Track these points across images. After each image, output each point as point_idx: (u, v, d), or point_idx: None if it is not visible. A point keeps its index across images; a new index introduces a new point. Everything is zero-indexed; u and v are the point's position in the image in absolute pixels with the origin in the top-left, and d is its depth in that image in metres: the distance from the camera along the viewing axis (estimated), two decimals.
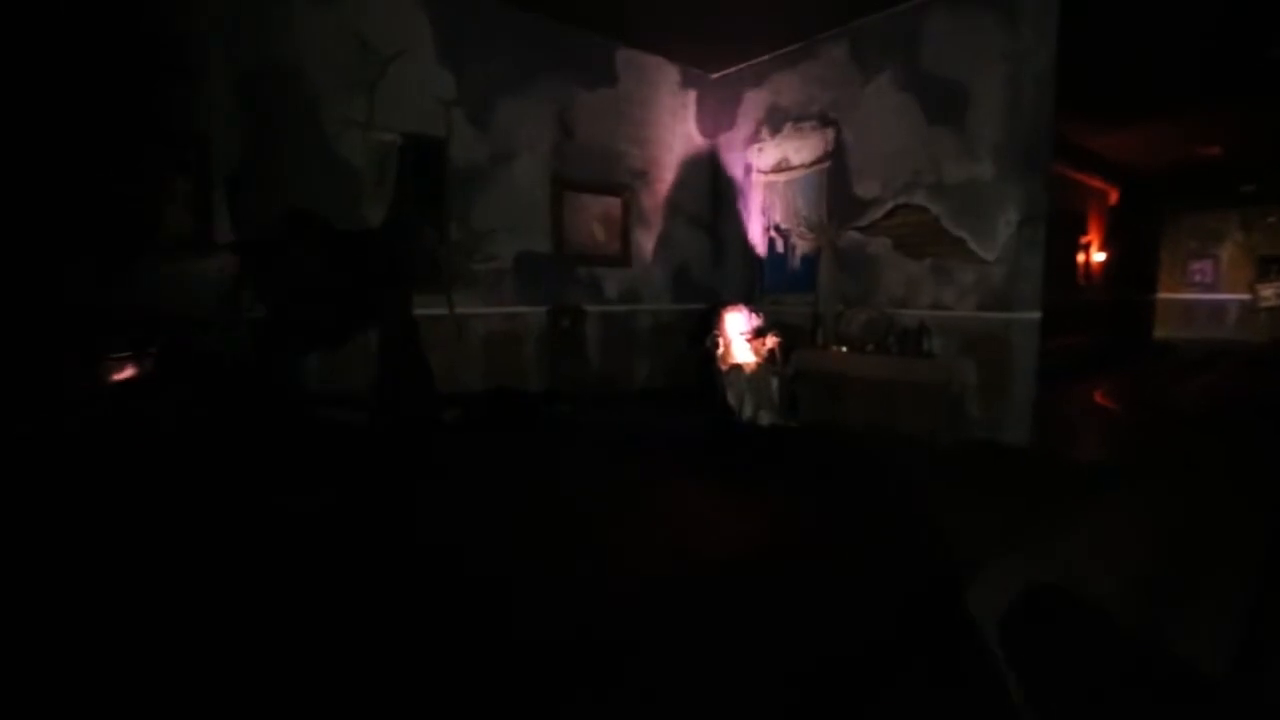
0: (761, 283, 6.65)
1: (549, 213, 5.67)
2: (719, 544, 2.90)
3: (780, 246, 6.39)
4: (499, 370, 5.30)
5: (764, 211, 6.54)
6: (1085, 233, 10.07)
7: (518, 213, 5.44)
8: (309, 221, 4.34)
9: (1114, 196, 10.77)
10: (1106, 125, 8.16)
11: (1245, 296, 14.80)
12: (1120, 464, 4.48)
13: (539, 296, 5.62)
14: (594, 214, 6.08)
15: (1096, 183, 10.15)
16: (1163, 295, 14.81)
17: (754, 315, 5.53)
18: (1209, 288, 15.32)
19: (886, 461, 4.37)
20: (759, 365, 5.27)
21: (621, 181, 6.29)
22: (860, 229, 5.67)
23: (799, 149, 6.17)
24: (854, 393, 5.24)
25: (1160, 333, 14.11)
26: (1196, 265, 15.39)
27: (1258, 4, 5.18)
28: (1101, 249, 10.49)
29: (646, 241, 6.53)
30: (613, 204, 6.22)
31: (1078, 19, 4.55)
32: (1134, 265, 12.23)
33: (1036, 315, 4.78)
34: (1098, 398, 7.40)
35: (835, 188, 5.85)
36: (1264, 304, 14.65)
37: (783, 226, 6.34)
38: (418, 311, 4.77)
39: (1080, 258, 9.99)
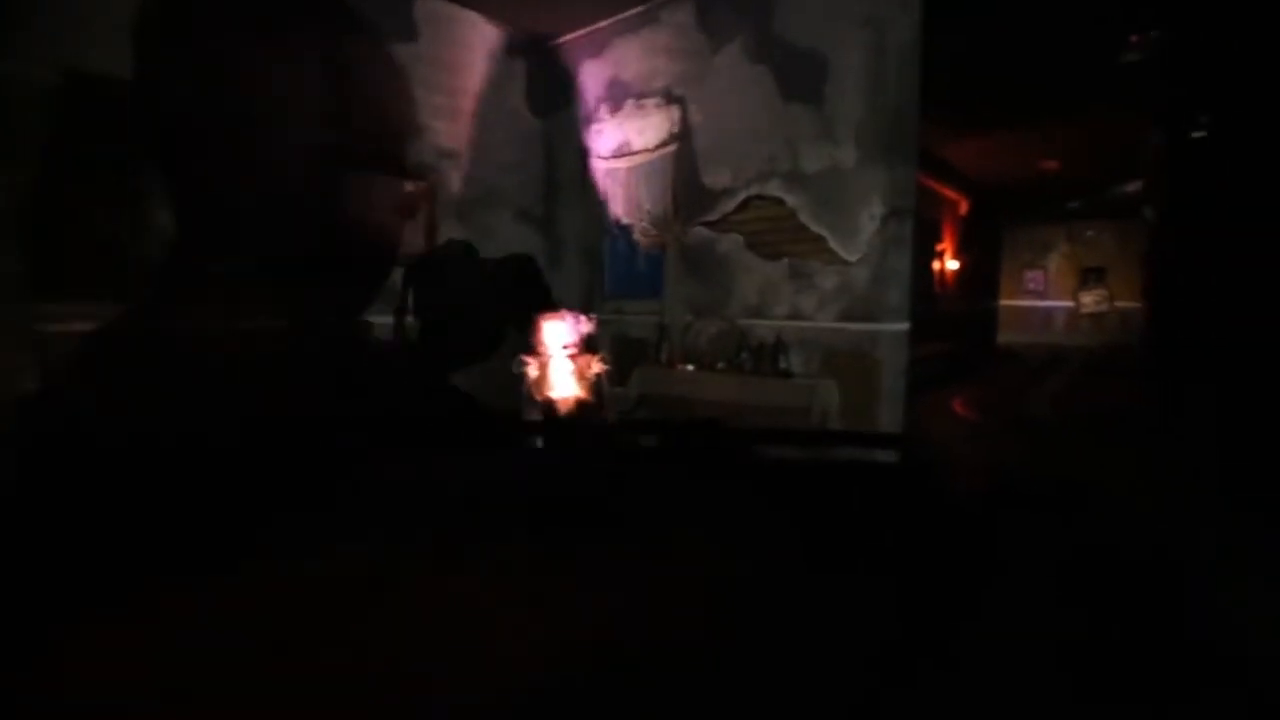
0: (604, 288, 5.64)
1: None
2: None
3: (624, 245, 5.41)
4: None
5: (605, 203, 5.53)
6: (940, 240, 10.05)
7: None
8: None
9: (964, 206, 10.92)
10: (961, 133, 8.01)
11: (1070, 303, 16.05)
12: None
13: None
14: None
15: (950, 192, 10.18)
16: (1004, 302, 15.63)
17: (581, 321, 4.42)
18: (1041, 295, 16.50)
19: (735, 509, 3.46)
20: (578, 403, 4.18)
21: (425, 162, 5.04)
22: (709, 224, 4.80)
23: (642, 130, 5.21)
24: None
25: (1002, 338, 14.81)
26: (1030, 274, 16.54)
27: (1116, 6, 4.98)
28: (955, 257, 10.55)
29: (460, 238, 5.30)
30: (415, 191, 4.95)
31: None
32: (981, 274, 12.62)
33: (905, 326, 4.11)
34: (958, 408, 7.12)
35: (682, 176, 4.94)
36: (1085, 310, 15.95)
37: (624, 221, 5.36)
38: None
39: (936, 265, 9.94)
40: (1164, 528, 3.34)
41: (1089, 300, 15.86)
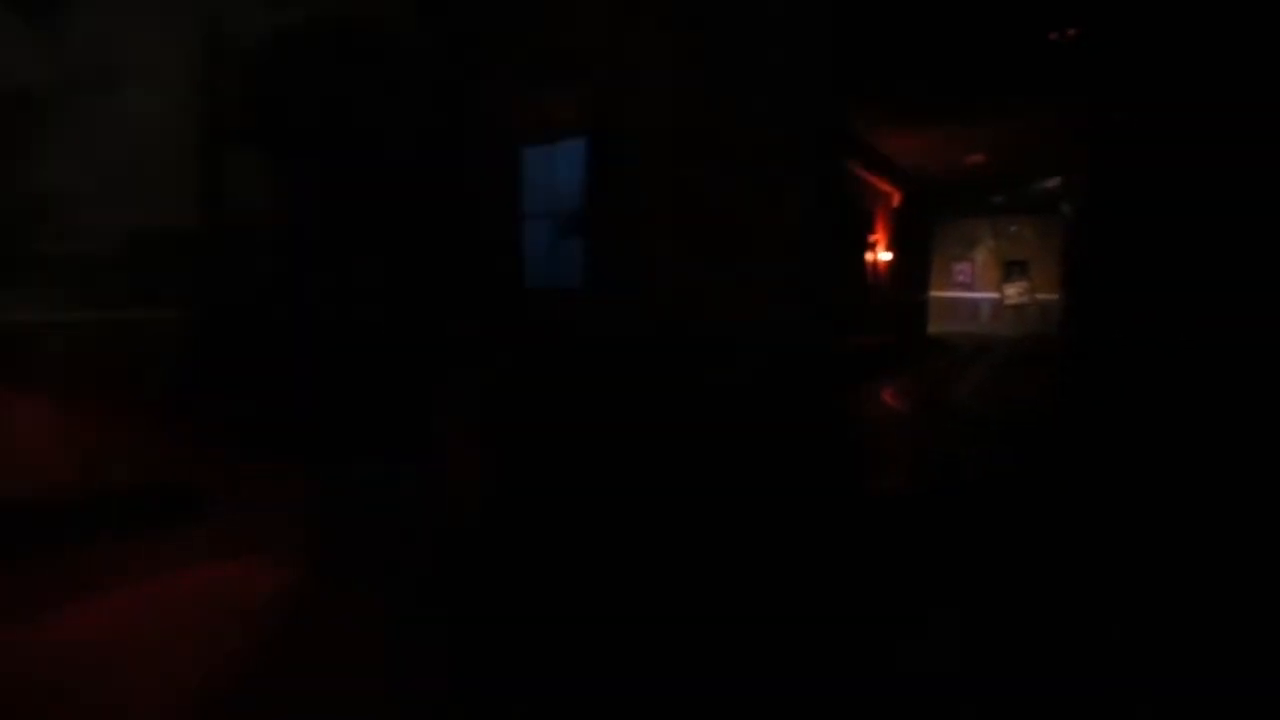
0: None
1: (195, 171, 3.88)
2: None
3: None
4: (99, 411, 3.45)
5: None
6: (874, 232, 10.22)
7: (125, 168, 3.60)
8: None
9: (897, 199, 11.14)
10: (897, 127, 8.11)
11: (995, 295, 16.75)
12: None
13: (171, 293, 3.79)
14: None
15: (884, 185, 10.35)
16: (934, 294, 16.16)
17: None
18: (968, 287, 17.15)
19: None
20: None
21: None
22: None
23: None
24: None
25: (933, 329, 15.31)
26: (959, 267, 17.16)
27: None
28: (888, 249, 10.76)
29: None
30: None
31: None
32: (913, 266, 12.96)
33: None
34: (888, 398, 7.25)
35: None
36: (1009, 302, 16.68)
37: None
38: None
39: (869, 257, 10.11)
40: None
41: (1012, 292, 16.59)
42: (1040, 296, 15.42)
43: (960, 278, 17.07)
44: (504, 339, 4.36)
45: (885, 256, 10.72)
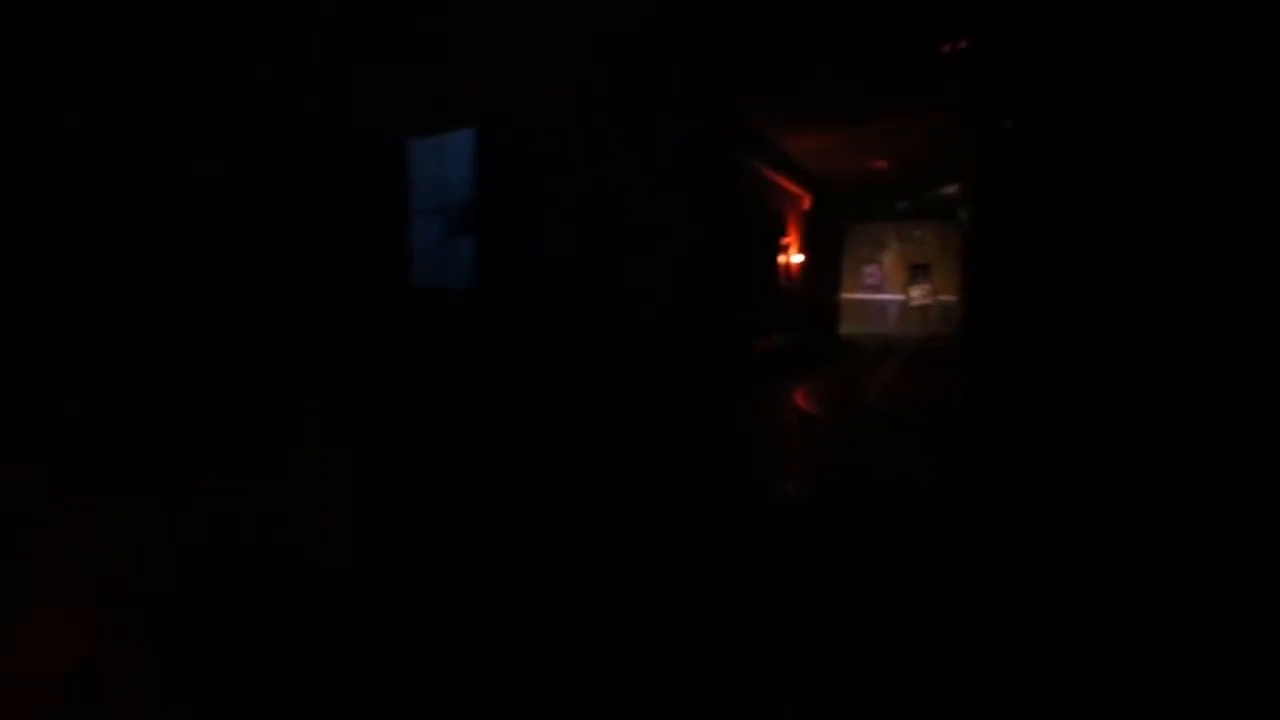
0: None
1: None
2: None
3: None
4: None
5: None
6: (785, 234, 10.34)
7: None
8: None
9: (808, 202, 11.33)
10: (802, 129, 8.17)
11: (902, 297, 17.50)
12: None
13: None
14: None
15: (793, 187, 10.48)
16: (845, 295, 16.69)
17: None
18: (877, 289, 17.83)
19: None
20: None
21: None
22: None
23: None
24: None
25: (844, 329, 15.78)
26: (868, 269, 17.79)
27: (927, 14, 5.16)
28: (800, 251, 10.92)
29: None
30: None
31: None
32: (825, 268, 13.27)
33: None
34: (799, 399, 7.28)
35: None
36: (914, 303, 17.46)
37: None
38: None
39: (782, 259, 10.21)
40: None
41: (917, 294, 17.38)
42: (943, 298, 16.19)
43: (869, 280, 17.71)
44: (387, 344, 3.99)
45: (797, 258, 10.87)
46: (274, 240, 3.95)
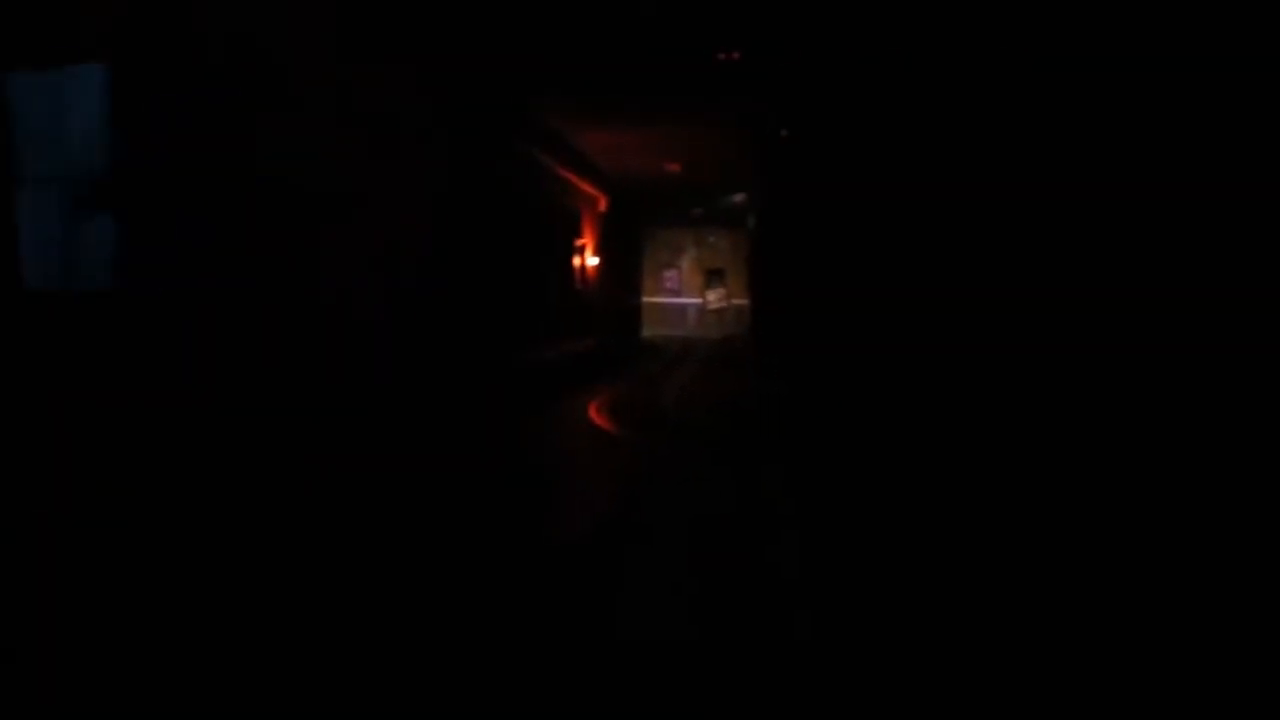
0: None
1: None
2: None
3: None
4: None
5: None
6: (580, 235, 9.88)
7: None
8: None
9: (604, 203, 11.00)
10: (590, 124, 7.74)
11: (699, 300, 18.12)
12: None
13: None
14: None
15: (587, 186, 10.06)
16: (647, 299, 16.82)
17: None
18: (676, 293, 18.28)
19: None
20: None
21: None
22: None
23: None
24: None
25: (646, 332, 15.86)
26: (668, 274, 18.17)
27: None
28: (595, 254, 10.53)
29: None
30: None
31: None
32: (625, 271, 13.10)
33: None
34: (593, 414, 6.79)
35: None
36: (711, 307, 18.17)
37: None
38: None
39: (577, 260, 9.73)
40: None
41: (713, 298, 18.12)
42: (736, 302, 16.98)
43: (669, 284, 18.09)
44: None
45: (593, 261, 10.48)
46: None
